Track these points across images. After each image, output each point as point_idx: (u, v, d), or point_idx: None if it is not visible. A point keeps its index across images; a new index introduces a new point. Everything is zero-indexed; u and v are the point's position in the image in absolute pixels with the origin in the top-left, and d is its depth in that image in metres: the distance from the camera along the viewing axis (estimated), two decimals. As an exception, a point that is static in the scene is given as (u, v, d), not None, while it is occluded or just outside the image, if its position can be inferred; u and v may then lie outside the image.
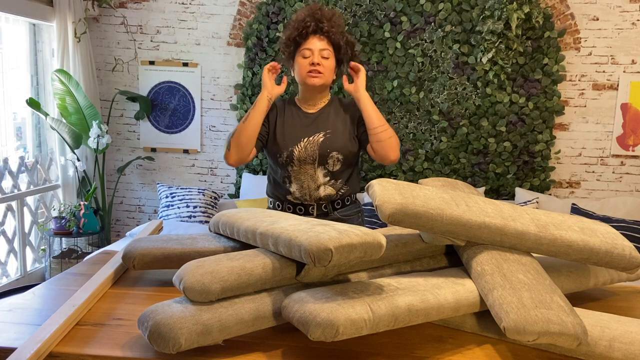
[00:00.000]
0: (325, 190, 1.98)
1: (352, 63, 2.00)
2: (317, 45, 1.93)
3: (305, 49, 1.93)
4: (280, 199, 2.04)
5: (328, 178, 1.97)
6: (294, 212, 2.00)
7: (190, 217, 4.01)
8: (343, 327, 1.12)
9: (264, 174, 4.37)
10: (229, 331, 1.20)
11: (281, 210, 2.03)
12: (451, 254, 1.55)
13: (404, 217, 1.30)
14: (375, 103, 4.14)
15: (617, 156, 4.13)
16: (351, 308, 1.15)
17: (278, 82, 2.06)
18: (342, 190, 2.01)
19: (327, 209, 2.00)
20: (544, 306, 1.22)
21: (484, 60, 3.97)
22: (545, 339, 1.18)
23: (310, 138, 1.96)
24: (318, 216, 1.99)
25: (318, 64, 1.91)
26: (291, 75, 2.06)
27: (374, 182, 1.40)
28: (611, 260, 1.45)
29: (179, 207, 4.05)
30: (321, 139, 1.95)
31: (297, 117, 2.01)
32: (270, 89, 1.98)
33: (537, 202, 3.93)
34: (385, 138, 1.90)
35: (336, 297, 1.19)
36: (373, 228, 3.15)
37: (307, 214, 1.99)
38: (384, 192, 1.33)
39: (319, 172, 1.96)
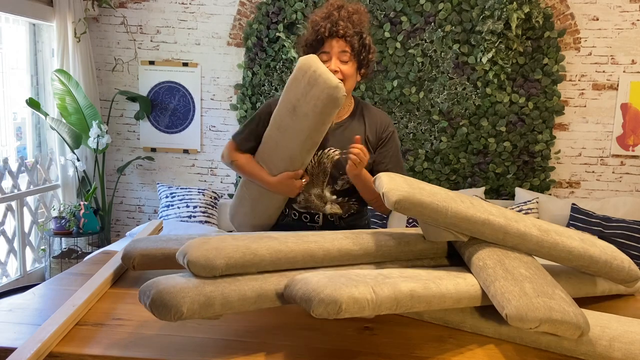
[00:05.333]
0: (332, 208, 1.88)
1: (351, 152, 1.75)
2: (335, 49, 1.79)
3: (323, 52, 1.82)
4: (285, 206, 1.94)
5: (335, 197, 1.88)
6: (299, 220, 1.90)
7: (190, 217, 4.01)
8: (346, 305, 1.12)
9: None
10: (231, 306, 1.19)
11: (287, 216, 1.93)
12: (452, 256, 1.55)
13: (410, 205, 1.31)
14: (375, 103, 4.17)
15: (617, 156, 4.13)
16: (354, 288, 1.15)
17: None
18: (352, 210, 1.91)
19: (332, 219, 1.90)
20: (545, 295, 1.22)
21: (484, 60, 3.96)
22: (547, 327, 1.17)
23: (325, 151, 1.84)
24: (324, 225, 1.88)
25: (336, 71, 1.78)
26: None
27: (382, 174, 1.42)
28: (610, 271, 1.45)
29: (179, 207, 4.05)
30: (336, 156, 1.83)
31: None
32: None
33: (537, 202, 3.93)
34: (375, 207, 1.88)
35: (340, 278, 1.20)
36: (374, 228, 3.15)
37: (312, 222, 1.89)
38: (392, 181, 1.36)
39: (327, 190, 1.87)
